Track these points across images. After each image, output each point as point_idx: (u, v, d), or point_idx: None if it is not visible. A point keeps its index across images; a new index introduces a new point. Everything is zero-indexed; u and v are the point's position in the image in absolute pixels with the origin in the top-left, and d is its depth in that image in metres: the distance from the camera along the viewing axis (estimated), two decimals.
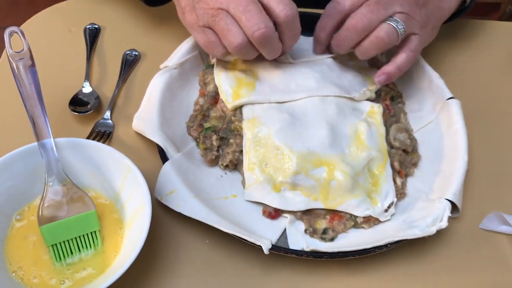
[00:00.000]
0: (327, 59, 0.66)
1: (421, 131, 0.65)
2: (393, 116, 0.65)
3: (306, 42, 0.68)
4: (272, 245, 0.52)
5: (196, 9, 0.57)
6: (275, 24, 0.56)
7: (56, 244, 0.51)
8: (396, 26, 0.57)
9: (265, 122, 0.59)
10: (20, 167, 0.53)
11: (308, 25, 0.62)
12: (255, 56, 0.59)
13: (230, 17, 0.55)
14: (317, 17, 0.63)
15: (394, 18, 0.57)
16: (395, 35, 0.57)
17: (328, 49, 0.65)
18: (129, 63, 0.70)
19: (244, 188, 0.58)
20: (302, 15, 0.57)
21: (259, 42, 0.55)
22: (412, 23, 0.58)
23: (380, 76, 0.61)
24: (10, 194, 0.53)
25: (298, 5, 0.68)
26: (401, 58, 0.60)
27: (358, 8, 0.58)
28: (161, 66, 0.65)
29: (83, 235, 0.52)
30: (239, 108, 0.60)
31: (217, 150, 0.60)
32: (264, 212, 0.57)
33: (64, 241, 0.52)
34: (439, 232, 0.55)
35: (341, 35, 0.59)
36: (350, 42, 0.59)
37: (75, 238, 0.52)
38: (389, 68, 0.60)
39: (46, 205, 0.52)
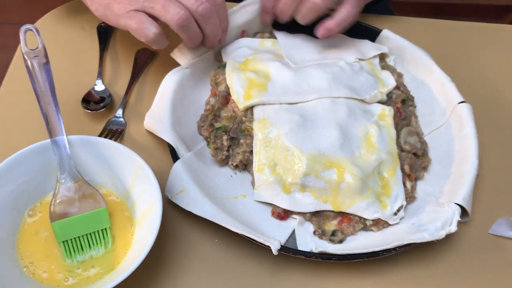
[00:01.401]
0: (339, 61, 0.66)
1: (432, 134, 0.65)
2: (404, 119, 0.65)
3: (316, 44, 0.68)
4: (281, 246, 0.53)
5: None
6: None
7: (67, 241, 0.52)
8: None
9: (275, 123, 0.59)
10: (33, 163, 0.54)
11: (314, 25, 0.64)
12: (196, 36, 0.60)
13: None
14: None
15: None
16: None
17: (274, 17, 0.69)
18: (141, 62, 0.70)
19: (253, 188, 0.59)
20: None
21: (203, 17, 0.58)
22: None
23: (320, 30, 0.64)
24: (23, 189, 0.54)
25: None
26: (341, 14, 0.63)
27: None
28: (172, 54, 0.66)
29: (94, 232, 0.53)
30: (250, 109, 0.61)
31: (227, 150, 0.60)
32: (273, 213, 0.57)
33: (75, 238, 0.52)
34: (448, 236, 0.55)
35: (282, 2, 0.65)
36: (290, 8, 0.64)
37: (86, 235, 0.53)
38: (330, 23, 0.63)
39: (58, 201, 0.53)
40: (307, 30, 0.68)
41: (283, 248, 0.53)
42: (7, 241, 0.52)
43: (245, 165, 0.61)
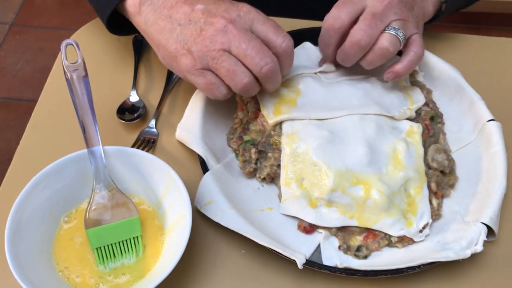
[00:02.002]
0: (371, 77, 0.67)
1: (460, 152, 0.65)
2: (432, 136, 0.65)
3: None
4: (306, 260, 0.54)
5: (193, 52, 0.55)
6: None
7: (100, 247, 0.54)
8: (396, 34, 0.59)
9: (304, 138, 0.60)
10: (70, 171, 0.56)
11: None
12: (257, 92, 0.59)
13: (233, 58, 0.55)
14: None
15: (392, 26, 0.59)
16: (397, 42, 0.60)
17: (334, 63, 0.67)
18: (174, 73, 0.72)
19: (280, 201, 0.60)
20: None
21: (266, 78, 0.56)
22: (408, 26, 0.61)
23: (388, 73, 0.63)
24: (60, 196, 0.56)
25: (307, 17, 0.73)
26: (409, 57, 0.62)
27: (356, 23, 0.60)
28: None
29: (126, 240, 0.55)
30: (279, 123, 0.62)
31: (255, 163, 0.62)
32: (299, 227, 0.59)
33: (108, 245, 0.54)
34: (474, 256, 0.55)
35: (345, 51, 0.61)
36: (355, 57, 0.61)
37: (118, 242, 0.55)
38: (398, 66, 0.62)
39: (92, 209, 0.55)
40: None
41: (308, 262, 0.54)
42: (45, 246, 0.54)
43: (272, 178, 0.62)
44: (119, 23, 0.66)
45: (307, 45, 0.71)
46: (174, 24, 0.57)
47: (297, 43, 0.71)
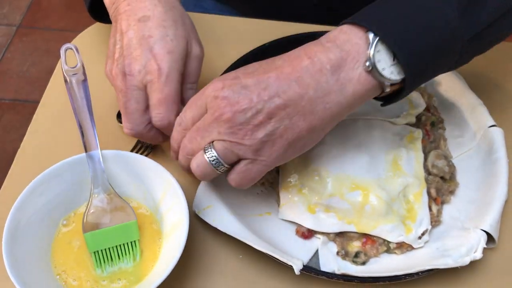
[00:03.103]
0: None
1: (460, 157, 0.65)
2: (432, 142, 0.65)
3: None
4: (304, 265, 0.54)
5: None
6: None
7: (98, 251, 0.54)
8: (206, 157, 0.51)
9: None
10: (68, 175, 0.57)
11: None
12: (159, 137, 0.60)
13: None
14: None
15: (210, 146, 0.51)
16: (206, 166, 0.51)
17: None
18: None
19: (278, 206, 0.60)
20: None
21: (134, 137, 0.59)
22: (236, 148, 0.50)
23: None
24: (59, 200, 0.57)
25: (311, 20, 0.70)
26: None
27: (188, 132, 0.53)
28: None
29: (124, 244, 0.55)
30: None
31: None
32: (297, 232, 0.58)
33: (105, 249, 0.55)
34: (473, 263, 0.55)
35: (179, 154, 0.56)
36: (184, 163, 0.55)
37: (116, 246, 0.55)
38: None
39: (90, 213, 0.55)
40: None
41: (305, 268, 0.53)
42: (43, 249, 0.55)
43: (271, 183, 0.62)
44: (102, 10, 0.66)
45: None
46: (114, 28, 0.59)
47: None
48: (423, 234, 0.57)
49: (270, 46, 0.71)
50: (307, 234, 0.58)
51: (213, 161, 0.51)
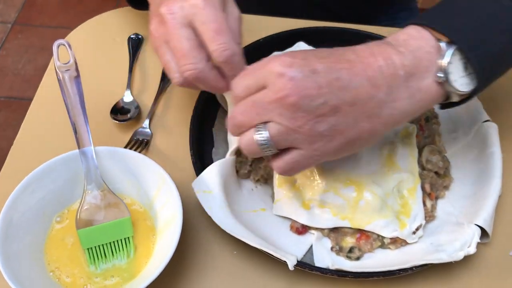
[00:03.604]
0: None
1: (455, 152, 0.65)
2: (427, 137, 0.64)
3: None
4: (298, 261, 0.53)
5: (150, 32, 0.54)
6: None
7: (91, 248, 0.54)
8: (256, 137, 0.47)
9: None
10: (62, 172, 0.56)
11: (337, 39, 0.64)
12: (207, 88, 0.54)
13: (170, 51, 0.52)
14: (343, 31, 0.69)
15: (264, 127, 0.47)
16: (254, 146, 0.48)
17: None
18: None
19: (273, 202, 0.60)
20: (331, 30, 0.56)
21: (191, 82, 0.52)
22: (292, 136, 0.46)
23: None
24: (52, 197, 0.56)
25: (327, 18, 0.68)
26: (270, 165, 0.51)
27: (240, 102, 0.49)
28: None
29: (117, 241, 0.55)
30: None
31: (251, 165, 0.61)
32: (291, 228, 0.58)
33: (99, 245, 0.54)
34: (467, 258, 0.55)
35: (227, 123, 0.52)
36: (233, 132, 0.51)
37: (110, 243, 0.55)
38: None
39: (83, 210, 0.55)
40: (330, 44, 0.70)
41: (299, 264, 0.53)
42: (36, 246, 0.54)
43: (266, 179, 0.62)
44: None
45: (301, 45, 0.71)
46: None
47: (291, 43, 0.71)
48: (417, 229, 0.57)
49: (264, 42, 0.71)
50: (302, 229, 0.58)
51: (263, 142, 0.47)
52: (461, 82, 0.48)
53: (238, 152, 0.61)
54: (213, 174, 0.57)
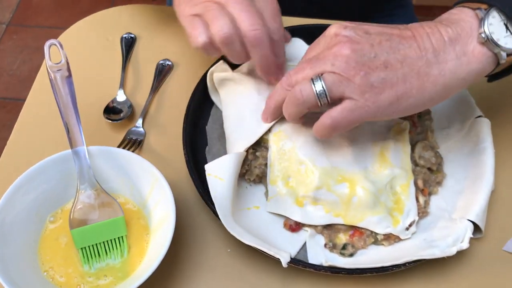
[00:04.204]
0: None
1: (447, 148, 0.65)
2: (419, 133, 0.65)
3: None
4: (291, 258, 0.54)
5: (193, 0, 0.57)
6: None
7: (85, 247, 0.54)
8: (313, 85, 0.50)
9: (290, 136, 0.60)
10: (55, 172, 0.56)
11: None
12: (235, 56, 0.57)
13: (224, 10, 0.54)
14: None
15: (319, 76, 0.50)
16: (310, 94, 0.50)
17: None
18: (162, 73, 0.72)
19: (266, 200, 0.60)
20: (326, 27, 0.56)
21: (251, 42, 0.55)
22: (344, 85, 0.50)
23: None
24: (46, 197, 0.56)
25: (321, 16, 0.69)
26: (317, 124, 0.53)
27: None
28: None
29: (111, 240, 0.55)
30: None
31: (248, 165, 0.61)
32: (285, 225, 0.58)
33: (93, 245, 0.54)
34: (460, 253, 0.55)
35: (277, 87, 0.56)
36: (278, 97, 0.55)
37: (103, 242, 0.55)
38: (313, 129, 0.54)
39: (77, 209, 0.55)
40: None
41: (293, 261, 0.53)
42: (30, 246, 0.54)
43: (260, 177, 0.62)
44: None
45: (296, 40, 0.71)
46: None
47: None
48: (410, 225, 0.58)
49: None
50: (295, 227, 0.58)
51: (319, 91, 0.50)
52: (505, 41, 0.50)
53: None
54: (230, 163, 0.57)
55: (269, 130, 0.61)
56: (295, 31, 0.71)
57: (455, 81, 0.51)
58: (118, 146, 0.64)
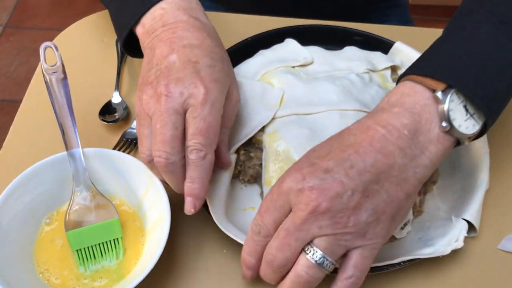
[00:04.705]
0: (350, 74, 0.66)
1: None
2: None
3: (328, 56, 0.69)
4: None
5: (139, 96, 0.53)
6: None
7: (80, 249, 0.54)
8: (314, 258, 0.45)
9: (284, 137, 0.60)
10: (50, 174, 0.57)
11: (325, 37, 0.66)
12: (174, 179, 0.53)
13: (150, 128, 0.51)
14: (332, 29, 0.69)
15: (312, 247, 0.46)
16: (315, 269, 0.46)
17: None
18: None
19: (262, 200, 0.60)
20: (320, 28, 0.57)
21: (159, 169, 0.51)
22: (343, 240, 0.46)
23: None
24: (41, 199, 0.57)
25: (317, 16, 0.69)
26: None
27: (272, 239, 0.48)
28: None
29: (106, 242, 0.55)
30: None
31: (240, 165, 0.61)
32: None
33: (88, 247, 0.55)
34: (455, 252, 0.55)
35: (263, 269, 0.50)
36: (273, 278, 0.49)
37: (99, 244, 0.55)
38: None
39: (72, 211, 0.55)
40: (319, 42, 0.70)
41: None
42: (26, 248, 0.55)
43: (255, 178, 0.62)
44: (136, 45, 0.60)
45: (288, 40, 0.71)
46: (149, 56, 0.54)
47: (279, 42, 0.71)
48: (405, 224, 0.58)
49: (252, 41, 0.71)
50: None
51: (319, 261, 0.45)
52: (466, 125, 0.48)
53: None
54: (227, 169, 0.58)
55: (262, 131, 0.61)
56: (286, 33, 0.72)
57: (429, 170, 0.49)
58: (114, 148, 0.64)
